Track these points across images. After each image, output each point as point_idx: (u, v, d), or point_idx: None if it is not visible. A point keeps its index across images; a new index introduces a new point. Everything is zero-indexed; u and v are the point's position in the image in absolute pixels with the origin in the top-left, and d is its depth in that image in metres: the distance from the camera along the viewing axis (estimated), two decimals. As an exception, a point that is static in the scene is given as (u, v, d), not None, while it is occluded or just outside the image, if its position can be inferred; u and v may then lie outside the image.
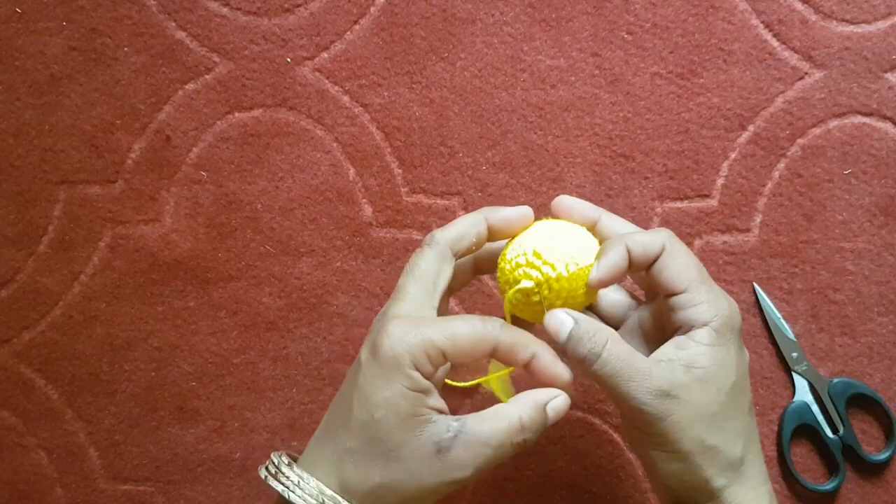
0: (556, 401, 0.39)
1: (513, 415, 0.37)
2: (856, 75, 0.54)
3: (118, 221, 0.57)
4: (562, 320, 0.38)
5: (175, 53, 0.57)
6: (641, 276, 0.42)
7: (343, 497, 0.36)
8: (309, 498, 0.36)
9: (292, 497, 0.36)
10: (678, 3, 0.55)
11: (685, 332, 0.39)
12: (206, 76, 0.57)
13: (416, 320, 0.37)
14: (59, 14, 0.57)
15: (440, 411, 0.37)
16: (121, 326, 0.56)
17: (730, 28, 0.55)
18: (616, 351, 0.37)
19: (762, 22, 0.55)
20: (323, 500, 0.36)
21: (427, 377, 0.36)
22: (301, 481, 0.37)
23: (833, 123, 0.54)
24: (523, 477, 0.54)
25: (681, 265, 0.39)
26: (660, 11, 0.55)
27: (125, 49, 0.57)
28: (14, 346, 0.57)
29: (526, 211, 0.41)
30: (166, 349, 0.56)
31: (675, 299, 0.39)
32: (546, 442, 0.54)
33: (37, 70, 0.57)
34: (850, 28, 0.54)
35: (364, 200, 0.56)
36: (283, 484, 0.37)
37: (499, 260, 0.42)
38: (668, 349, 0.39)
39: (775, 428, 0.53)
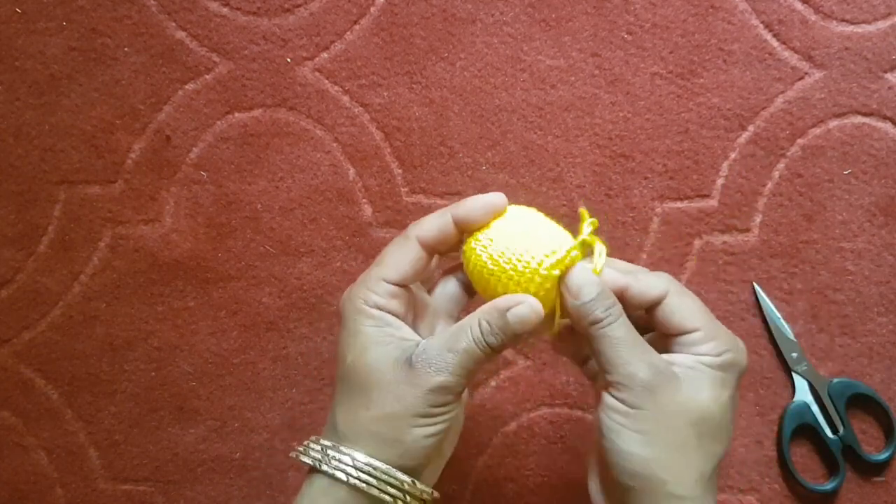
0: (518, 308, 0.38)
1: (473, 318, 0.38)
2: (856, 75, 0.54)
3: (118, 221, 0.57)
4: (589, 280, 0.38)
5: (175, 53, 0.57)
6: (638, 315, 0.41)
7: (343, 445, 0.38)
8: (313, 453, 0.38)
9: (302, 458, 0.39)
10: (678, 3, 0.55)
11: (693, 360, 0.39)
12: (206, 76, 0.57)
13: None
14: (59, 14, 0.57)
15: (406, 339, 0.39)
16: (121, 326, 0.56)
17: (730, 28, 0.55)
18: (627, 322, 0.38)
19: (762, 22, 0.55)
20: (314, 448, 0.38)
21: (383, 308, 0.39)
22: (310, 443, 0.39)
23: (833, 123, 0.54)
24: (523, 477, 0.54)
25: (691, 306, 0.39)
26: (660, 11, 0.55)
27: (125, 49, 0.57)
28: (14, 346, 0.57)
29: (493, 200, 0.40)
30: (166, 349, 0.56)
31: (684, 338, 0.39)
32: (546, 442, 0.54)
33: (37, 70, 0.57)
34: (850, 28, 0.54)
35: (364, 200, 0.56)
36: (307, 454, 0.39)
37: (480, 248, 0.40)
38: (673, 356, 0.39)
39: (775, 428, 0.53)
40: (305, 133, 0.56)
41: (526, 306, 0.38)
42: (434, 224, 0.40)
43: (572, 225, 0.55)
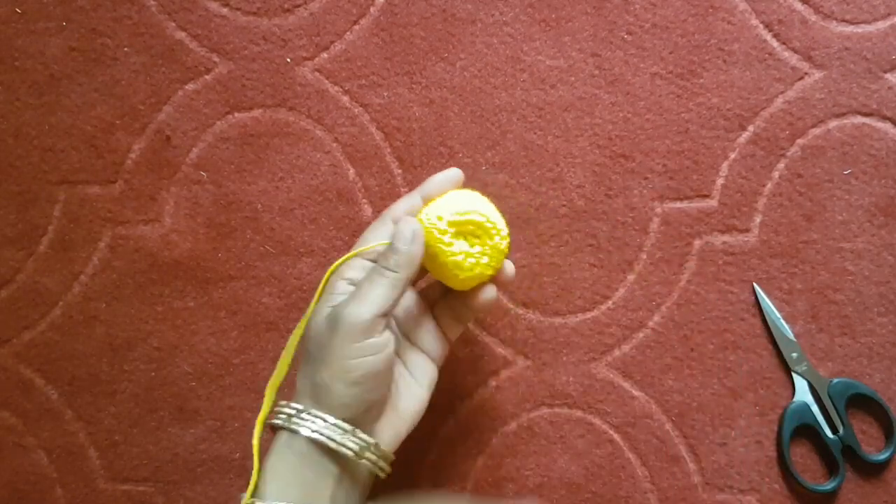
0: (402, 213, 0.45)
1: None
2: (856, 75, 0.54)
3: (118, 221, 0.57)
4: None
5: (175, 53, 0.57)
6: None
7: (295, 401, 0.42)
8: (284, 415, 0.42)
9: (288, 424, 0.42)
10: (678, 3, 0.55)
11: None
12: (206, 76, 0.57)
13: None
14: (59, 14, 0.57)
15: None
16: (121, 326, 0.56)
17: (730, 28, 0.55)
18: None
19: (762, 22, 0.55)
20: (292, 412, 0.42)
21: (354, 282, 0.43)
22: (279, 406, 0.43)
23: (833, 123, 0.54)
24: (523, 477, 0.54)
25: None
26: (660, 11, 0.55)
27: (125, 49, 0.57)
28: (14, 346, 0.57)
29: (453, 175, 0.46)
30: (166, 349, 0.56)
31: None
32: (546, 442, 0.54)
33: (37, 70, 0.57)
34: (850, 28, 0.54)
35: (364, 200, 0.56)
36: (279, 418, 0.43)
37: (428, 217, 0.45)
38: None
39: (775, 428, 0.53)
40: (305, 133, 0.56)
41: (409, 220, 0.43)
42: (405, 205, 0.46)
43: (573, 224, 0.55)
